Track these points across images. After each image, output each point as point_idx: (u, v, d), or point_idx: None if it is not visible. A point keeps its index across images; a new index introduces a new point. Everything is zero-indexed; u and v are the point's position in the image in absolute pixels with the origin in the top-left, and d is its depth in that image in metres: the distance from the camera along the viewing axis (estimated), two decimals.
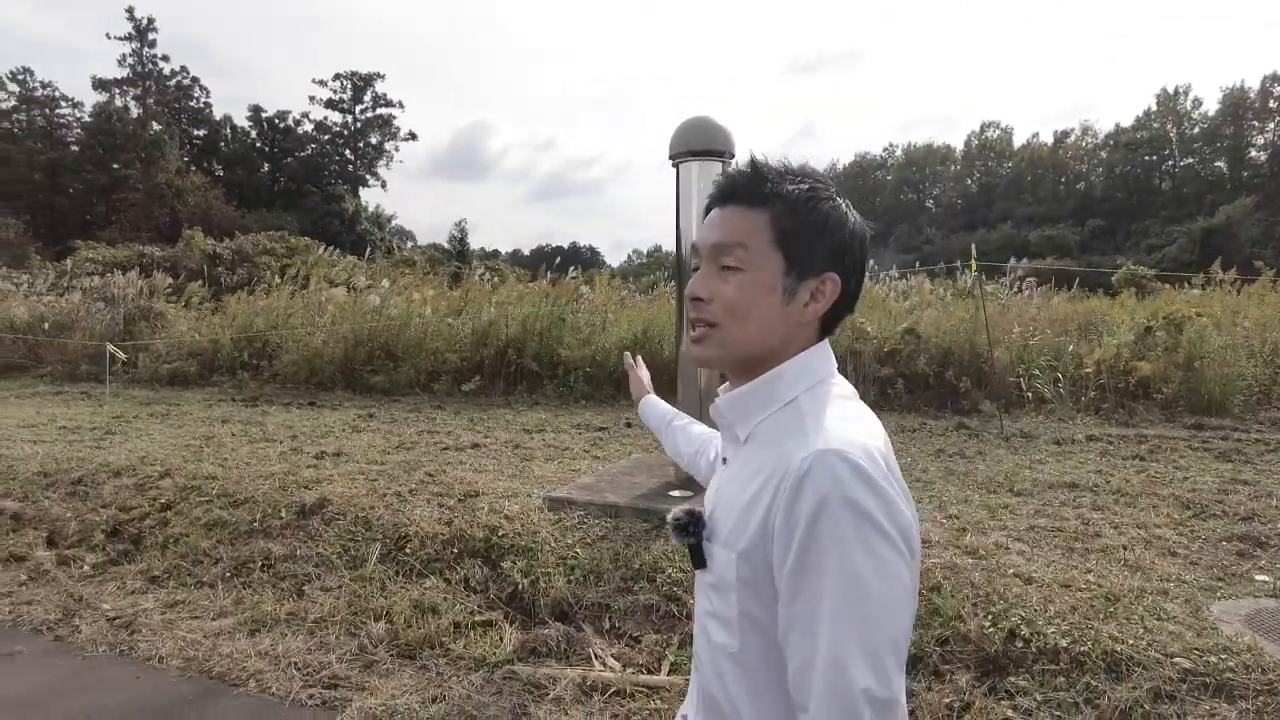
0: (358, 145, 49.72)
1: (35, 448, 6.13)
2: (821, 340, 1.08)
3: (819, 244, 1.02)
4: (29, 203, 38.85)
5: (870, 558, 0.86)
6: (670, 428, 1.63)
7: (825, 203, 1.03)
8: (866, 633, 0.85)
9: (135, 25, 45.08)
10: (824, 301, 1.04)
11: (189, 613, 3.75)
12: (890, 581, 0.87)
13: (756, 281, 1.01)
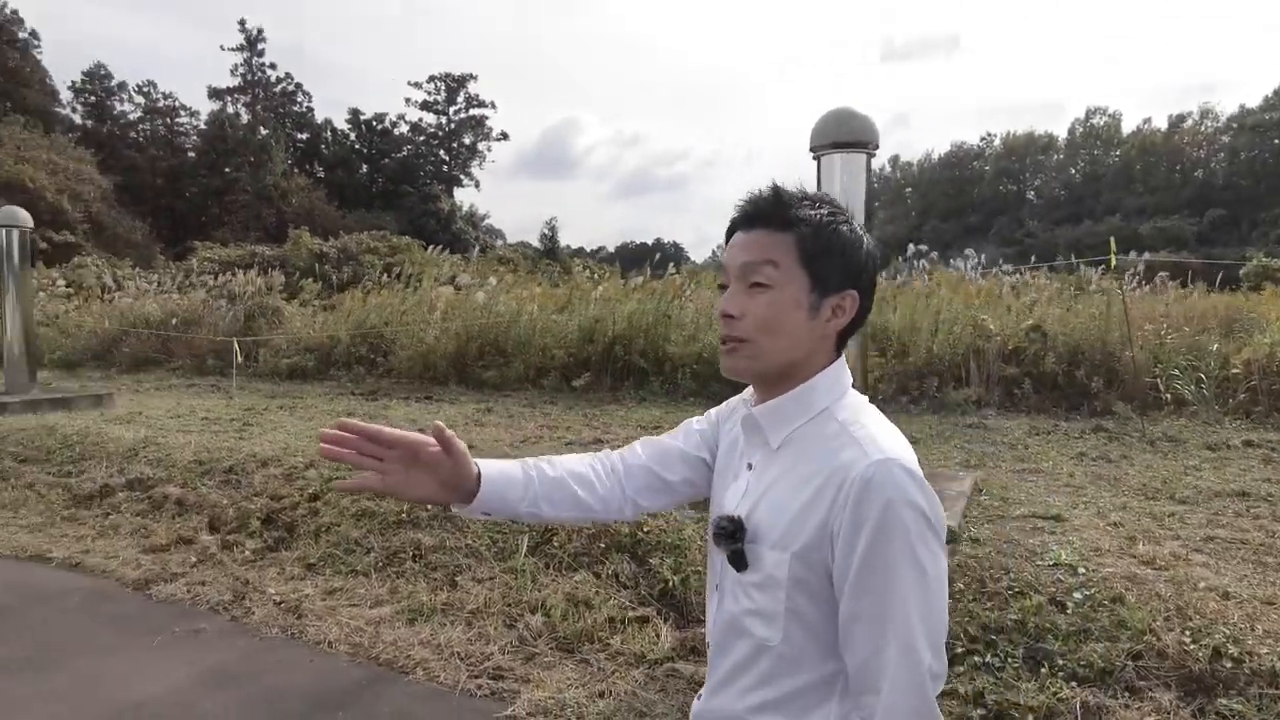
0: (451, 146, 51.08)
1: (186, 437, 6.49)
2: (839, 354, 1.17)
3: (840, 263, 1.12)
4: (152, 206, 41.41)
5: (928, 553, 0.99)
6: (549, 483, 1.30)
7: (844, 225, 1.13)
8: (928, 619, 0.98)
9: (246, 36, 47.51)
10: (844, 316, 1.13)
11: (348, 600, 3.89)
12: (941, 573, 1.01)
13: (785, 298, 1.10)
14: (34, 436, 6.95)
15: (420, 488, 1.24)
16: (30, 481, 6.08)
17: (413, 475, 1.23)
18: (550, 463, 1.32)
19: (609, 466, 1.36)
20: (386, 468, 1.22)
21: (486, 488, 1.25)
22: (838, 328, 1.14)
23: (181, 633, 3.65)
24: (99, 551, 4.72)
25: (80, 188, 30.96)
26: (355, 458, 1.22)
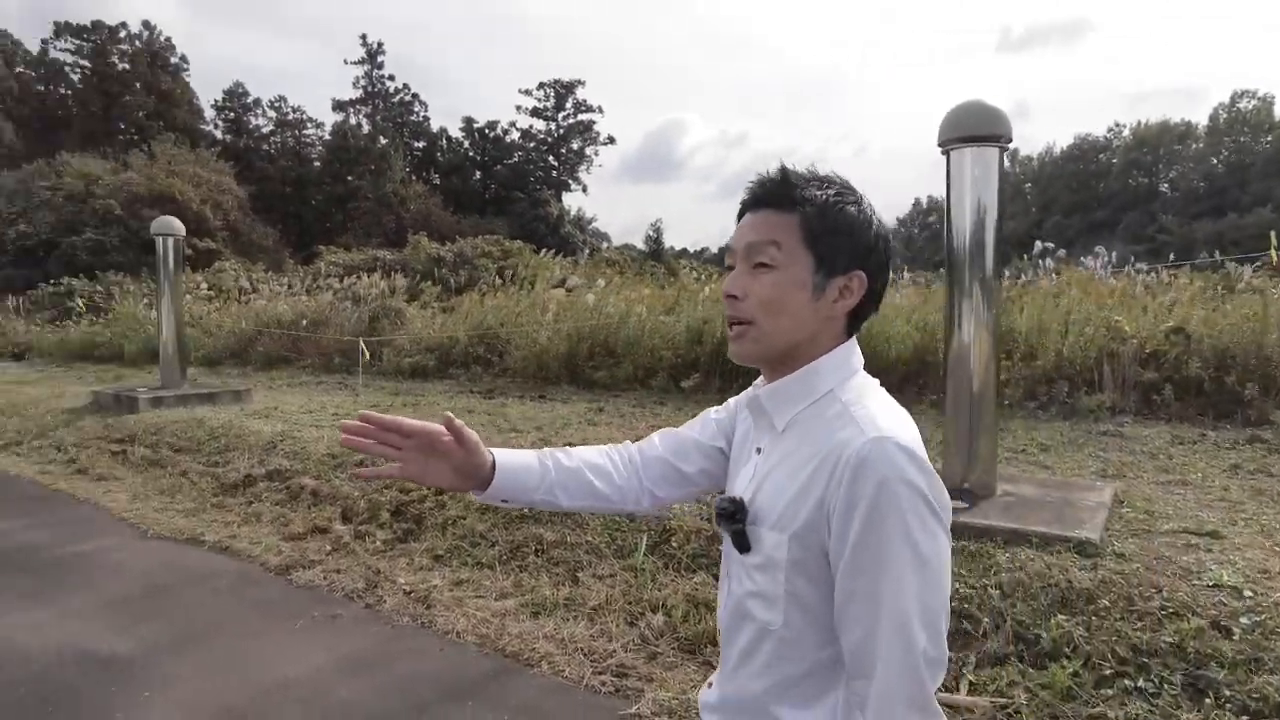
0: (560, 151, 52.13)
1: (319, 432, 6.86)
2: (850, 336, 1.14)
3: (846, 244, 1.09)
4: (282, 214, 44.05)
5: (925, 533, 0.95)
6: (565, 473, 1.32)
7: (851, 206, 1.10)
8: (924, 600, 0.95)
9: (367, 50, 49.92)
10: (851, 298, 1.10)
11: (474, 591, 4.01)
12: (941, 555, 0.97)
13: (788, 279, 1.08)
14: (185, 428, 7.51)
15: (437, 475, 1.27)
16: (184, 470, 6.56)
17: (430, 464, 1.27)
18: (567, 453, 1.35)
19: (626, 458, 1.37)
20: (405, 456, 1.25)
21: (500, 476, 1.29)
22: (845, 309, 1.11)
23: (320, 618, 3.85)
24: (244, 537, 5.05)
25: (220, 198, 33.28)
26: (375, 448, 1.25)
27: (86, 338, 18.09)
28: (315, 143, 50.46)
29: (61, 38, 43.52)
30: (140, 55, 43.88)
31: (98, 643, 3.57)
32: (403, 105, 51.88)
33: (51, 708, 3.01)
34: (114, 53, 43.66)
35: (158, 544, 5.06)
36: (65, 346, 18.29)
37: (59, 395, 10.63)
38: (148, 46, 44.48)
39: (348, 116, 48.96)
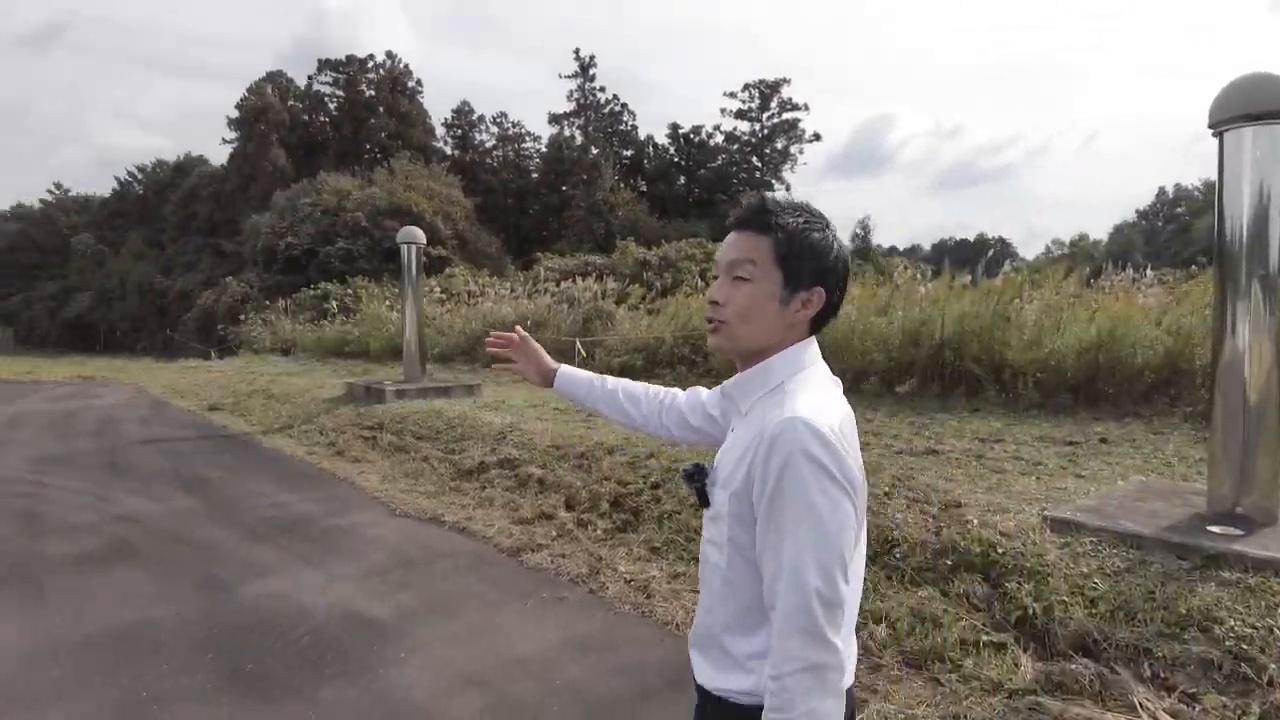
0: (764, 151, 51.85)
1: (543, 424, 7.30)
2: (808, 337, 1.32)
3: (810, 265, 1.28)
4: (503, 223, 47.23)
5: (823, 495, 1.12)
6: (608, 395, 1.74)
7: (816, 232, 1.29)
8: (818, 549, 1.11)
9: (580, 64, 52.32)
10: (812, 309, 1.29)
11: (691, 585, 4.08)
12: (837, 514, 1.13)
13: (761, 291, 1.27)
14: (425, 418, 8.27)
15: (529, 372, 1.84)
16: (425, 455, 7.23)
17: (527, 364, 1.85)
18: (614, 381, 1.76)
19: (657, 398, 1.72)
20: (515, 356, 1.86)
21: (559, 381, 1.80)
22: (806, 317, 1.30)
23: (548, 599, 4.09)
24: (479, 519, 5.47)
25: (450, 209, 36.29)
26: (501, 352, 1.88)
27: (339, 335, 20.40)
28: (533, 155, 53.63)
29: (323, 72, 49.51)
30: (384, 82, 48.89)
31: (361, 605, 4.02)
32: (612, 115, 53.89)
33: (330, 656, 3.43)
34: (363, 82, 48.97)
35: (404, 521, 5.61)
36: (322, 343, 20.73)
37: (320, 386, 12.07)
38: (389, 74, 49.44)
39: (562, 129, 51.58)
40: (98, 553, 4.97)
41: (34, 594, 4.25)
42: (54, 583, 4.42)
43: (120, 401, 13.43)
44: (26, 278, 52.33)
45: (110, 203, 54.10)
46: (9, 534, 5.37)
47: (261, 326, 24.99)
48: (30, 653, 3.50)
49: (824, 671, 1.11)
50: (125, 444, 9.01)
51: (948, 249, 71.64)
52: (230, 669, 3.33)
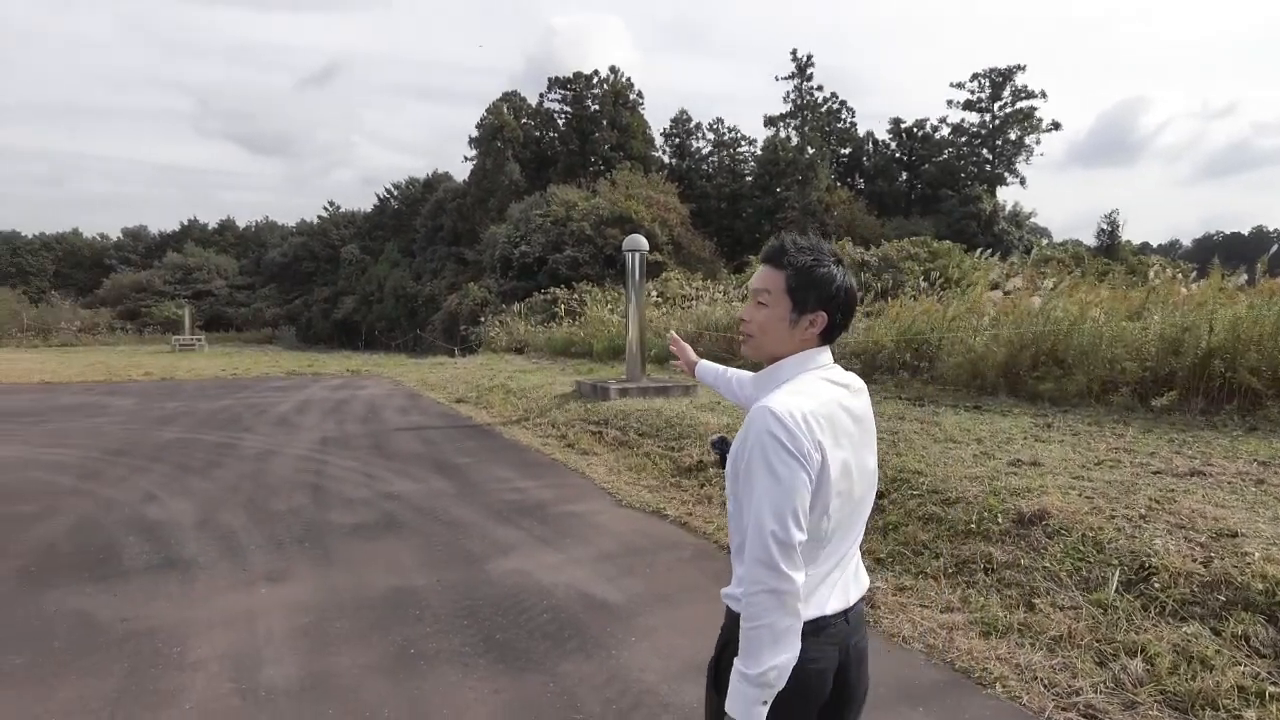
0: (995, 143, 48.37)
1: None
2: (818, 347, 1.64)
3: (814, 294, 1.60)
4: (717, 227, 47.78)
5: (780, 463, 1.44)
6: (726, 380, 2.20)
7: (822, 269, 1.60)
8: (775, 503, 1.42)
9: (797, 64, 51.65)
10: (817, 328, 1.62)
11: (917, 599, 3.97)
12: (791, 478, 1.43)
13: (774, 314, 1.61)
14: (647, 416, 8.61)
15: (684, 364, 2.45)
16: (647, 451, 7.54)
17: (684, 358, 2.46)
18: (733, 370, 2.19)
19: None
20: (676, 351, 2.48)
21: (698, 370, 2.35)
22: (813, 334, 1.61)
23: None
24: (699, 515, 5.64)
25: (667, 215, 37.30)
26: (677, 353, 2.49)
27: (566, 336, 21.67)
28: (747, 159, 53.80)
29: (552, 90, 52.76)
30: (607, 96, 51.19)
31: (593, 588, 4.30)
32: (830, 114, 52.74)
33: (568, 633, 3.72)
34: (588, 97, 51.59)
35: (629, 512, 5.90)
36: (551, 344, 22.11)
37: (551, 383, 12.93)
38: (612, 88, 51.66)
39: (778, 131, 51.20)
40: (369, 524, 5.69)
41: (323, 556, 4.96)
42: (337, 548, 5.13)
43: (381, 393, 15.17)
44: (306, 283, 60.34)
45: (372, 217, 61.03)
46: (304, 504, 6.29)
47: (498, 328, 27.12)
48: (323, 606, 4.09)
49: (781, 595, 1.41)
50: (388, 430, 10.18)
51: (1214, 245, 62.87)
52: (483, 636, 3.71)
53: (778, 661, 1.40)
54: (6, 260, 65.10)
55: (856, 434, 1.57)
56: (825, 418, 1.49)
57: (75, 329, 49.78)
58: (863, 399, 1.65)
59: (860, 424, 1.60)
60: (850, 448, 1.54)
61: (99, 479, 7.27)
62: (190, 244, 67.49)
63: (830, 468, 1.47)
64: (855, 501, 1.58)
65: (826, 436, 1.47)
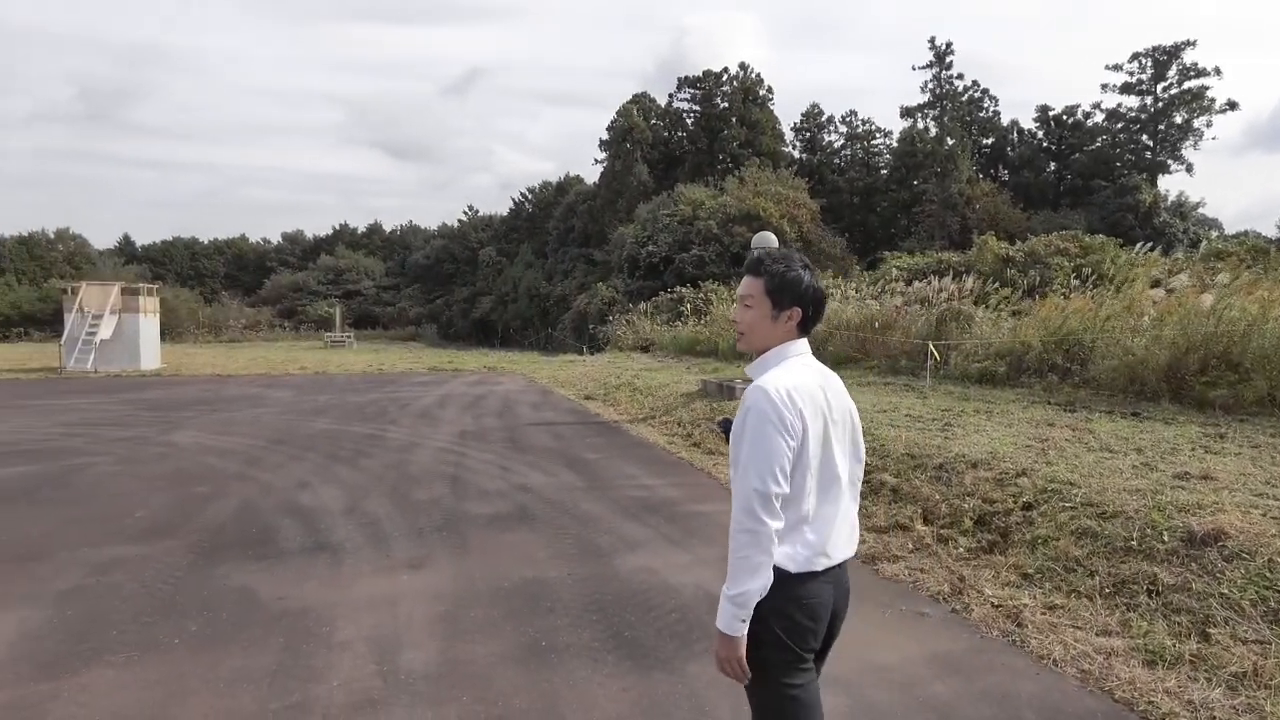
0: (1157, 128, 44.59)
1: (895, 431, 7.06)
2: (797, 338, 2.01)
3: (788, 294, 1.98)
4: (848, 222, 46.56)
5: (764, 431, 1.80)
6: None
7: (791, 274, 1.98)
8: (759, 463, 1.79)
9: (935, 52, 49.46)
10: (793, 322, 1.99)
11: (1070, 620, 3.69)
12: (774, 442, 1.80)
13: (758, 314, 2.01)
14: None
15: None
16: None
17: None
18: None
19: None
20: None
21: None
22: (791, 327, 1.99)
23: (907, 612, 3.96)
24: None
25: (796, 212, 36.64)
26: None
27: (692, 335, 21.67)
28: (882, 151, 52.12)
29: (681, 90, 52.94)
30: (736, 93, 50.82)
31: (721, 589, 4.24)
32: (971, 103, 50.24)
33: (696, 634, 3.68)
34: (717, 95, 51.39)
35: None
36: (677, 342, 22.18)
37: (677, 382, 12.95)
38: (742, 85, 51.23)
39: (915, 122, 49.25)
40: (504, 515, 5.87)
41: (460, 545, 5.14)
42: (474, 537, 5.31)
43: (516, 389, 15.67)
44: (446, 284, 63.26)
45: (508, 220, 63.24)
46: (443, 494, 6.56)
47: (625, 327, 27.48)
48: (459, 594, 4.24)
49: (758, 536, 1.79)
50: (521, 424, 10.49)
51: None
52: (611, 632, 3.73)
53: (752, 587, 1.81)
54: (186, 263, 71.71)
55: (829, 410, 1.95)
56: (807, 394, 1.89)
57: (241, 326, 54.32)
58: (835, 385, 2.04)
59: (835, 407, 1.97)
60: (825, 420, 1.93)
61: (259, 465, 7.85)
62: (341, 247, 72.15)
63: (810, 434, 1.87)
64: (836, 466, 1.96)
65: (807, 408, 1.87)
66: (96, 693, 3.14)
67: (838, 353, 16.35)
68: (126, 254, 70.95)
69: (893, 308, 16.73)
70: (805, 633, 1.94)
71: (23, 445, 9.13)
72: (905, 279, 21.84)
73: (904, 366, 14.13)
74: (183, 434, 9.93)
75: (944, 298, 16.04)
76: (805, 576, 1.89)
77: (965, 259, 25.73)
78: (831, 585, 1.98)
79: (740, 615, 1.82)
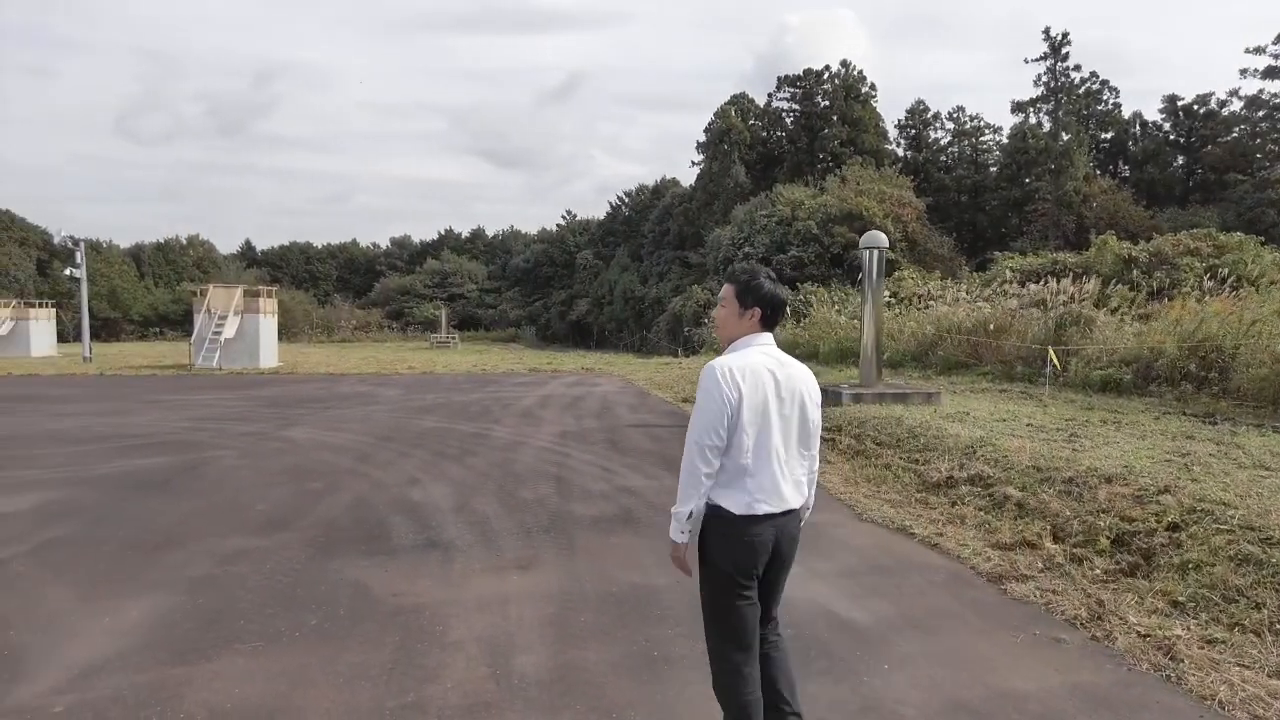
0: None
1: (1017, 441, 6.67)
2: (760, 331, 2.53)
3: (751, 297, 2.50)
4: (956, 222, 44.82)
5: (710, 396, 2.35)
6: None
7: (754, 282, 2.51)
8: (701, 422, 2.35)
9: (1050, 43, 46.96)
10: (755, 320, 2.51)
11: (1234, 656, 3.34)
12: (713, 409, 2.34)
13: (728, 312, 2.55)
14: (885, 424, 8.14)
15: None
16: (887, 463, 7.11)
17: None
18: None
19: None
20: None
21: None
22: (754, 324, 2.52)
23: (1041, 637, 3.68)
24: (951, 537, 5.18)
25: (900, 211, 35.48)
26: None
27: (791, 338, 21.24)
28: (991, 148, 50.00)
29: (781, 89, 52.17)
30: (838, 91, 49.72)
31: (838, 605, 4.06)
32: (1089, 95, 47.47)
33: (814, 652, 3.52)
34: (818, 93, 50.40)
35: (871, 527, 5.57)
36: None
37: None
38: (844, 82, 50.07)
39: (1027, 117, 46.88)
40: (608, 517, 5.83)
41: (567, 546, 5.13)
42: (580, 539, 5.29)
43: (613, 390, 15.73)
44: (545, 287, 64.45)
45: (604, 224, 63.89)
46: (548, 494, 6.59)
47: None
48: (568, 597, 4.21)
49: (695, 474, 2.36)
50: (620, 425, 10.48)
51: None
52: None
53: (691, 507, 2.39)
54: (301, 267, 75.54)
55: (776, 388, 2.43)
56: (750, 372, 2.40)
57: (351, 327, 56.82)
58: (790, 370, 2.50)
59: (784, 385, 2.45)
60: (767, 395, 2.41)
61: (370, 462, 8.09)
62: (446, 251, 74.51)
63: (745, 404, 2.37)
64: (773, 435, 2.43)
65: (746, 384, 2.38)
66: (228, 680, 3.25)
67: (948, 357, 15.70)
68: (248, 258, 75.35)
69: (1007, 311, 15.95)
70: (745, 562, 2.45)
71: (159, 438, 9.72)
72: (1019, 280, 20.83)
73: (1019, 373, 13.43)
74: (299, 430, 10.37)
75: (1062, 300, 15.18)
76: (747, 519, 2.41)
77: (1082, 260, 24.31)
78: (774, 529, 2.46)
79: (680, 528, 2.44)
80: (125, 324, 55.40)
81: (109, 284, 54.25)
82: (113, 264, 57.32)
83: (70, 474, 7.46)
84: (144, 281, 60.04)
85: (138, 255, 63.68)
